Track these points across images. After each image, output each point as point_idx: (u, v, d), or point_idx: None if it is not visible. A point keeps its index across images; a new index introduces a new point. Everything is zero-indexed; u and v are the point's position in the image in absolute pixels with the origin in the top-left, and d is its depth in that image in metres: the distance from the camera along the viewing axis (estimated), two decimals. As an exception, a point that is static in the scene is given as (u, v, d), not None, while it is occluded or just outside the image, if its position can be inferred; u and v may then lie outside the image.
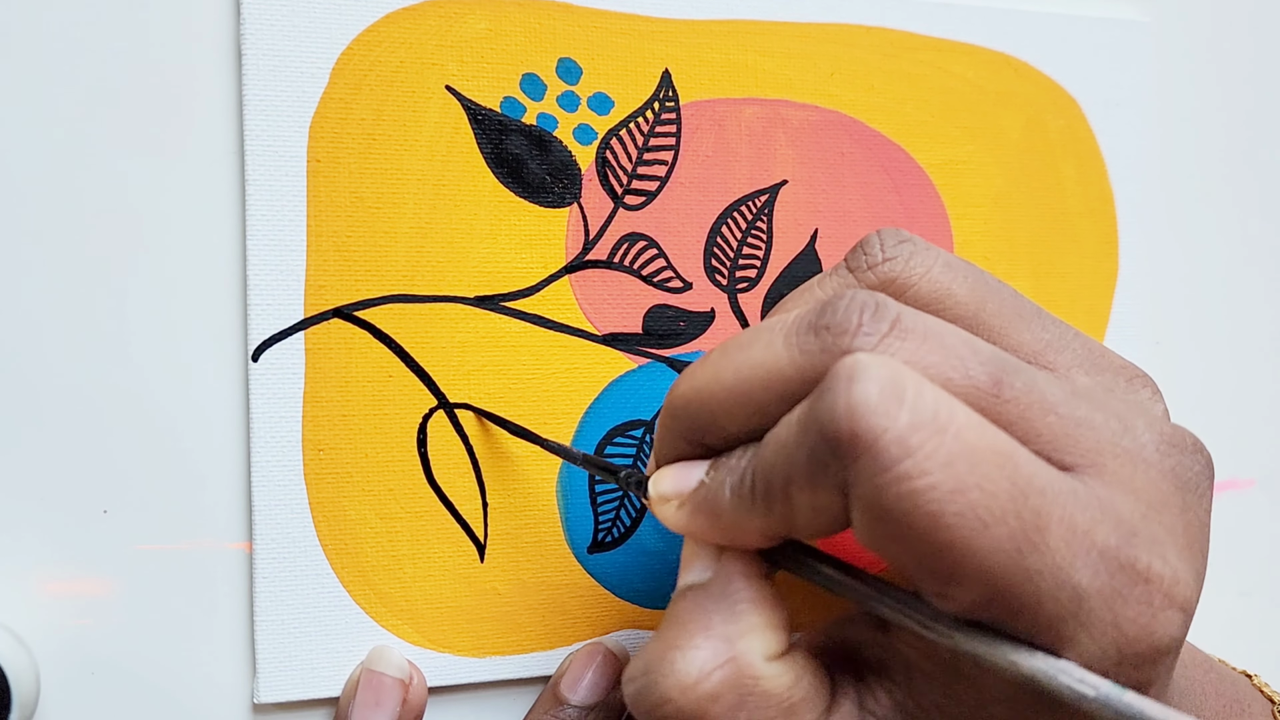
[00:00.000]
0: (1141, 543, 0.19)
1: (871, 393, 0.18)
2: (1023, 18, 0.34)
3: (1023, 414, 0.20)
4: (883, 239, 0.23)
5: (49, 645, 0.27)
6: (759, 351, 0.21)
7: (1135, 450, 0.20)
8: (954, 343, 0.20)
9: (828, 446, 0.18)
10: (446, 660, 0.29)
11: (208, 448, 0.28)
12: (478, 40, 0.29)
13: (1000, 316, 0.22)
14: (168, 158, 0.28)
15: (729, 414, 0.21)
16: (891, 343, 0.20)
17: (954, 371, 0.20)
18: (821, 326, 0.20)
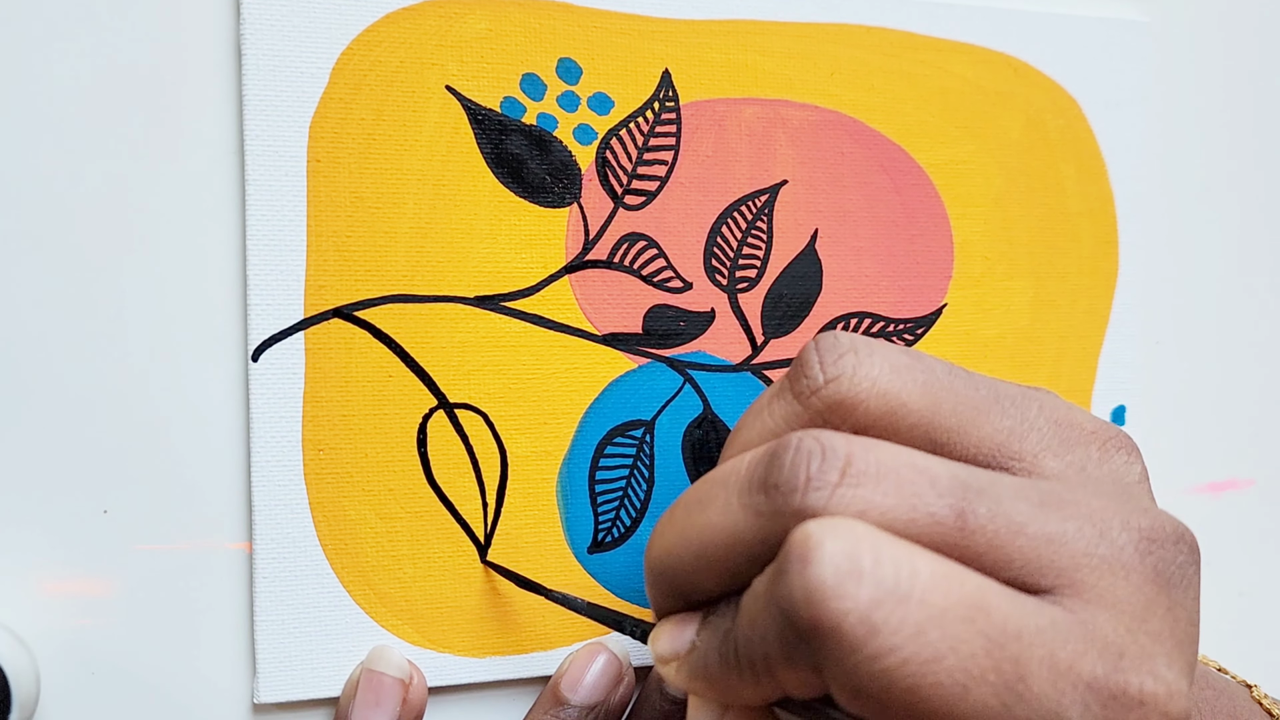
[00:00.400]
0: (1130, 664, 0.19)
1: (827, 575, 0.18)
2: (1023, 18, 0.34)
3: (990, 542, 0.19)
4: (821, 356, 0.22)
5: (49, 645, 0.27)
6: (716, 514, 0.21)
7: (1113, 557, 0.20)
8: (909, 476, 0.20)
9: (794, 633, 0.18)
10: (446, 660, 0.29)
11: (208, 448, 0.28)
12: (478, 40, 0.29)
13: (956, 415, 0.22)
14: (168, 158, 0.28)
15: (702, 576, 0.21)
16: (844, 493, 0.19)
17: (914, 511, 0.19)
18: (771, 486, 0.20)
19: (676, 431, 0.31)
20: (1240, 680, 0.29)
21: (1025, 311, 0.35)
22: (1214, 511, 0.39)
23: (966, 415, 0.22)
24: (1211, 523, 0.39)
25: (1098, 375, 0.36)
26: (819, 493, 0.19)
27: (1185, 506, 0.38)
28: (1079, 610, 0.19)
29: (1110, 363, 0.36)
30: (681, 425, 0.31)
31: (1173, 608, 0.20)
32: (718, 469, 0.22)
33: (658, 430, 0.31)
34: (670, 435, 0.31)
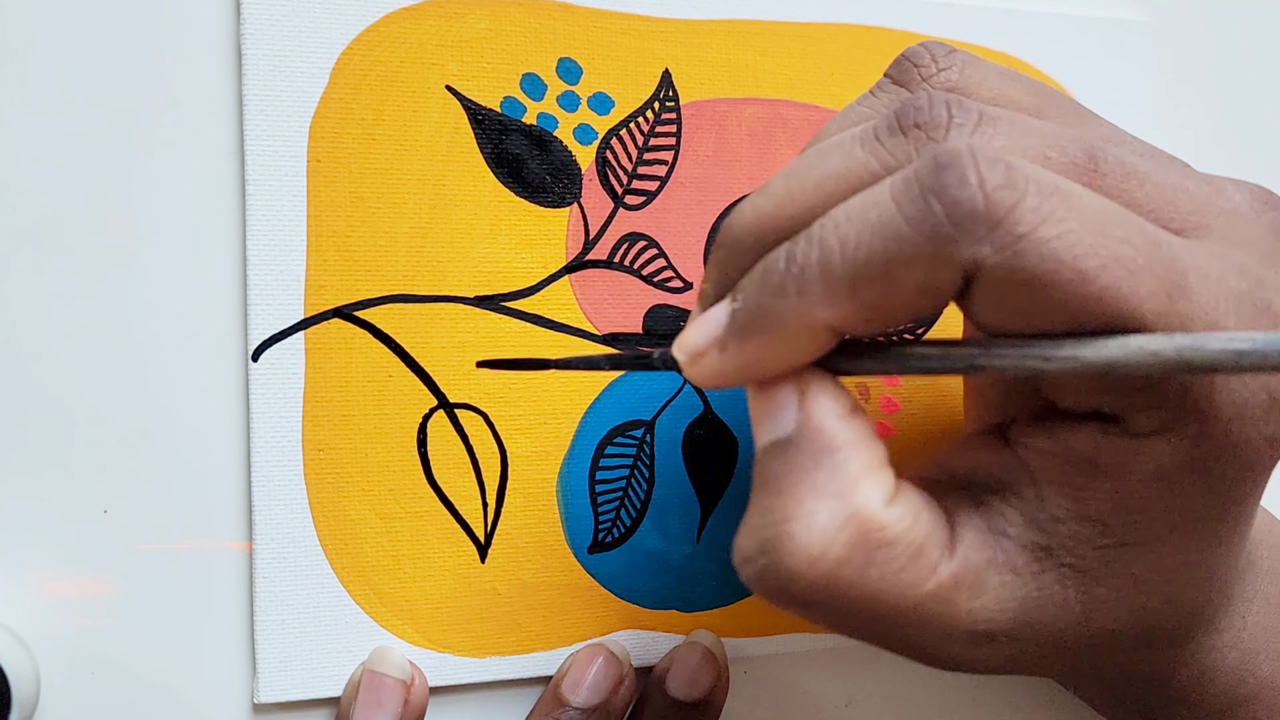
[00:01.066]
0: (1271, 288, 0.19)
1: (998, 167, 0.18)
2: (1023, 18, 0.34)
3: (1121, 185, 0.20)
4: (932, 50, 0.22)
5: (49, 645, 0.27)
6: (838, 162, 0.20)
7: (1232, 210, 0.20)
8: (1040, 127, 0.20)
9: (957, 219, 0.17)
10: (447, 660, 0.29)
11: (208, 448, 0.28)
12: (478, 40, 0.29)
13: (1061, 117, 0.22)
14: (168, 158, 0.28)
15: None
16: (985, 130, 0.19)
17: (1051, 150, 0.19)
18: (909, 125, 0.19)
19: (677, 431, 0.31)
20: None
21: (1025, 311, 0.35)
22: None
23: (1071, 120, 0.22)
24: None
25: (1098, 375, 0.36)
26: (961, 128, 0.19)
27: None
28: (1214, 245, 0.19)
29: (1110, 363, 0.36)
30: (682, 425, 0.31)
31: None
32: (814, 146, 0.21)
33: (658, 430, 0.31)
34: (670, 435, 0.31)
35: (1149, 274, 0.18)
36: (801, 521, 0.19)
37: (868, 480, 0.19)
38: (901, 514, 0.19)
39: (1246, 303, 0.19)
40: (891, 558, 0.19)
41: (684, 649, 0.30)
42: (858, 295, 0.18)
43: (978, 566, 0.20)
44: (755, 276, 0.20)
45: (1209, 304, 0.18)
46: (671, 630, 0.31)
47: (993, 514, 0.20)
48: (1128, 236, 0.18)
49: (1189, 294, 0.18)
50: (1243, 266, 0.19)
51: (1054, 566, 0.20)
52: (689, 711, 0.30)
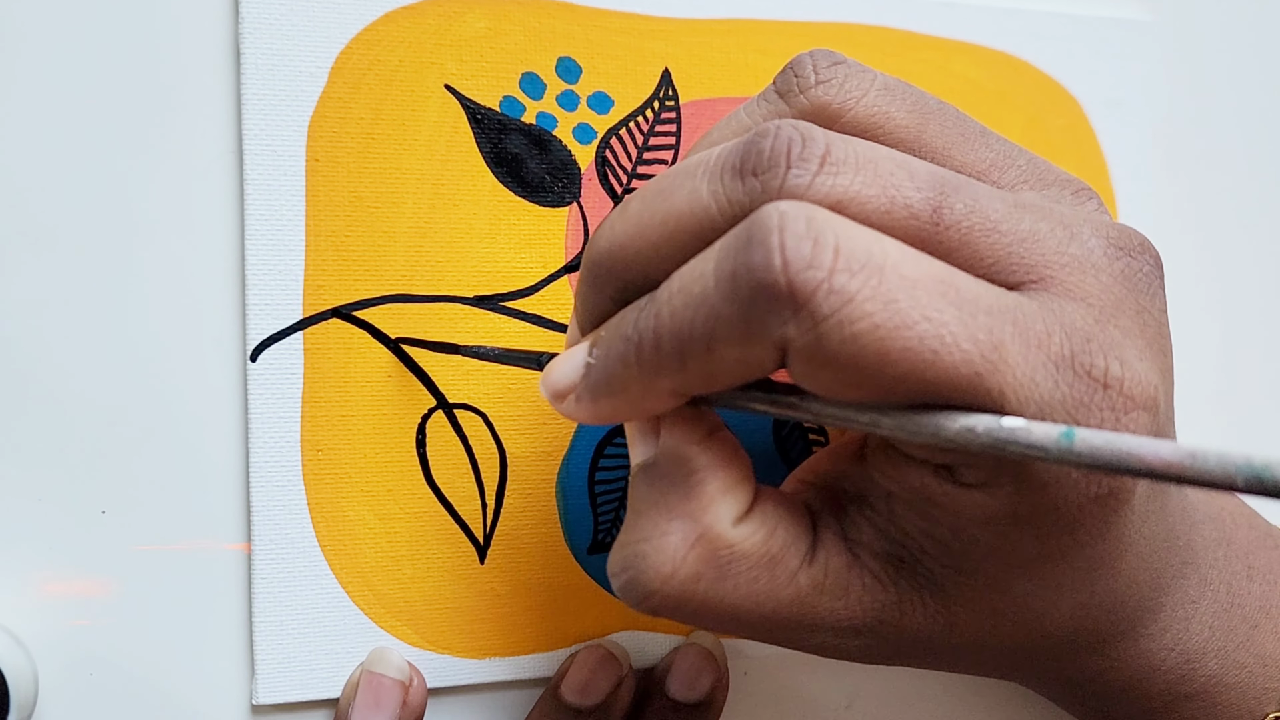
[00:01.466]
0: (1097, 348, 0.19)
1: (804, 244, 0.17)
2: (1024, 17, 0.34)
3: (964, 238, 0.19)
4: (815, 60, 0.22)
5: (47, 646, 0.27)
6: (684, 200, 0.20)
7: (1083, 256, 0.20)
8: (889, 169, 0.19)
9: (761, 301, 0.18)
10: (446, 661, 0.29)
11: (206, 448, 0.28)
12: (477, 39, 0.29)
13: (942, 137, 0.22)
14: (166, 157, 0.28)
15: (657, 266, 0.20)
16: (823, 179, 0.19)
17: (889, 202, 0.19)
18: (748, 171, 0.19)
19: (676, 432, 0.31)
20: None
21: (1026, 311, 0.35)
22: (1216, 512, 0.39)
23: (952, 140, 0.22)
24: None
25: (1099, 375, 0.36)
26: (799, 178, 0.19)
27: (1187, 507, 0.38)
28: (1049, 301, 0.19)
29: (1111, 363, 0.36)
30: (681, 425, 0.31)
31: (1140, 311, 0.20)
32: (682, 161, 0.21)
33: (658, 430, 0.31)
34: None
35: (959, 350, 0.18)
36: (654, 542, 0.21)
37: (720, 501, 0.21)
38: (753, 530, 0.21)
39: (1065, 368, 0.19)
40: (744, 570, 0.20)
41: (684, 650, 0.30)
42: (688, 367, 0.19)
43: (836, 572, 0.21)
44: (609, 335, 0.21)
45: (1024, 374, 0.18)
46: (671, 631, 0.31)
47: (850, 523, 0.22)
48: (940, 310, 0.18)
49: (1000, 367, 0.18)
50: (1073, 326, 0.19)
51: (910, 576, 0.21)
52: (689, 712, 0.30)
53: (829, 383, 0.18)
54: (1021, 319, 0.19)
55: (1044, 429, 0.18)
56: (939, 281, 0.18)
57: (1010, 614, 0.22)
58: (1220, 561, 0.25)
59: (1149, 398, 0.19)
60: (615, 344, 0.21)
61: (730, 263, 0.18)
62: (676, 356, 0.19)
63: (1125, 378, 0.19)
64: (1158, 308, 0.21)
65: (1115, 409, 0.19)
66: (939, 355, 0.18)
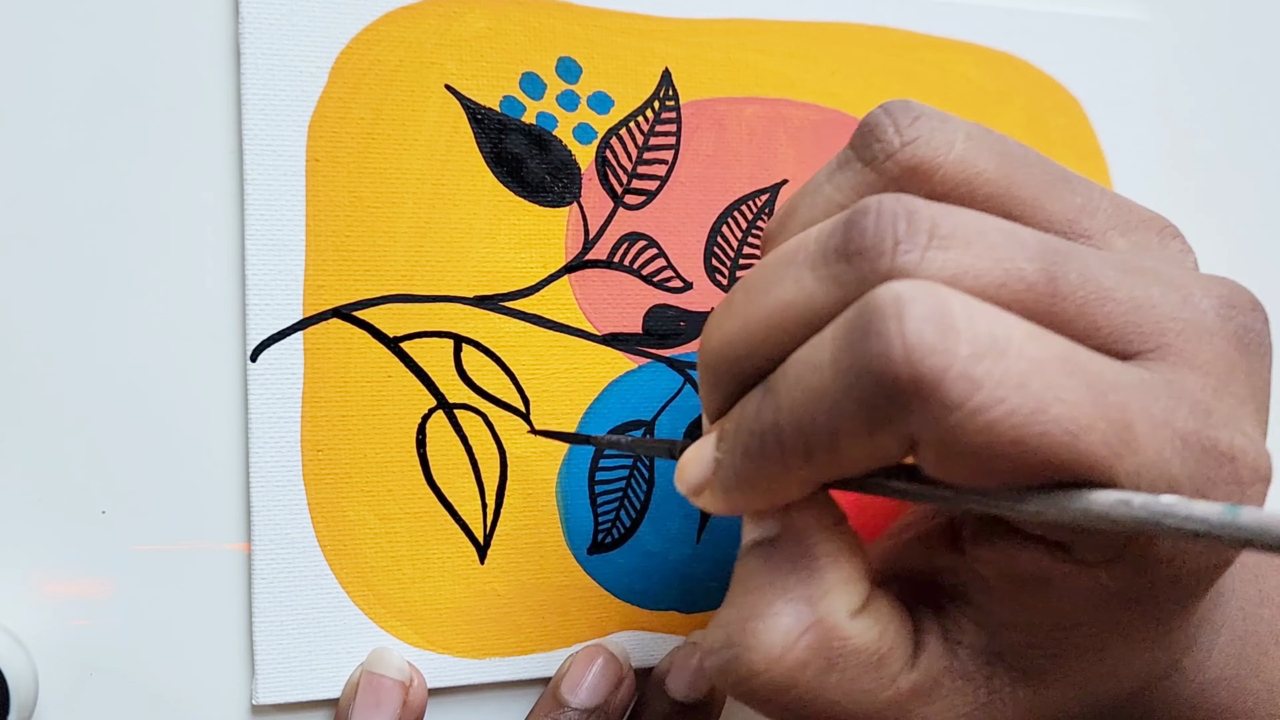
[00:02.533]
0: (1219, 421, 0.19)
1: (926, 330, 0.17)
2: (1024, 16, 0.34)
3: (1080, 309, 0.19)
4: (895, 118, 0.21)
5: (47, 646, 0.27)
6: (789, 289, 0.19)
7: (1196, 321, 0.19)
8: (998, 240, 0.19)
9: (885, 394, 0.17)
10: (446, 662, 0.29)
11: (206, 448, 0.28)
12: (477, 39, 0.29)
13: (1030, 187, 0.21)
14: (167, 157, 0.28)
15: (768, 359, 0.20)
16: (934, 255, 0.18)
17: (1004, 274, 0.18)
18: (854, 253, 0.18)
19: (677, 432, 0.31)
20: None
21: (1026, 311, 0.35)
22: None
23: (1041, 188, 0.21)
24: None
25: (1099, 375, 0.36)
26: (909, 255, 0.18)
27: (1187, 507, 0.38)
28: (1166, 372, 0.19)
29: (1111, 363, 0.36)
30: (682, 425, 0.31)
31: (1252, 373, 0.20)
32: (776, 251, 0.20)
33: (658, 430, 0.31)
34: (671, 435, 0.31)
35: (1093, 433, 0.17)
36: (767, 620, 0.20)
37: (839, 592, 0.20)
38: (868, 625, 0.20)
39: (1193, 444, 0.18)
40: (852, 666, 0.20)
41: (684, 650, 0.30)
42: (815, 460, 0.19)
43: (936, 675, 0.21)
44: (732, 432, 0.20)
45: (1154, 454, 0.18)
46: (671, 631, 0.31)
47: (949, 621, 0.21)
48: (1072, 391, 0.17)
49: (1134, 447, 0.18)
50: (1194, 400, 0.19)
51: (1004, 670, 0.21)
52: (688, 713, 0.29)
53: (963, 472, 0.18)
54: (1146, 395, 0.18)
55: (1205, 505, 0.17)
56: (1064, 360, 0.18)
57: (1102, 683, 0.21)
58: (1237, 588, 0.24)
59: (1267, 469, 0.19)
60: (739, 438, 0.20)
61: (848, 354, 0.18)
62: (802, 451, 0.19)
63: (1249, 451, 0.19)
64: (1266, 366, 0.20)
65: (1240, 482, 0.19)
66: (1076, 439, 0.17)
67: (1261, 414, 0.20)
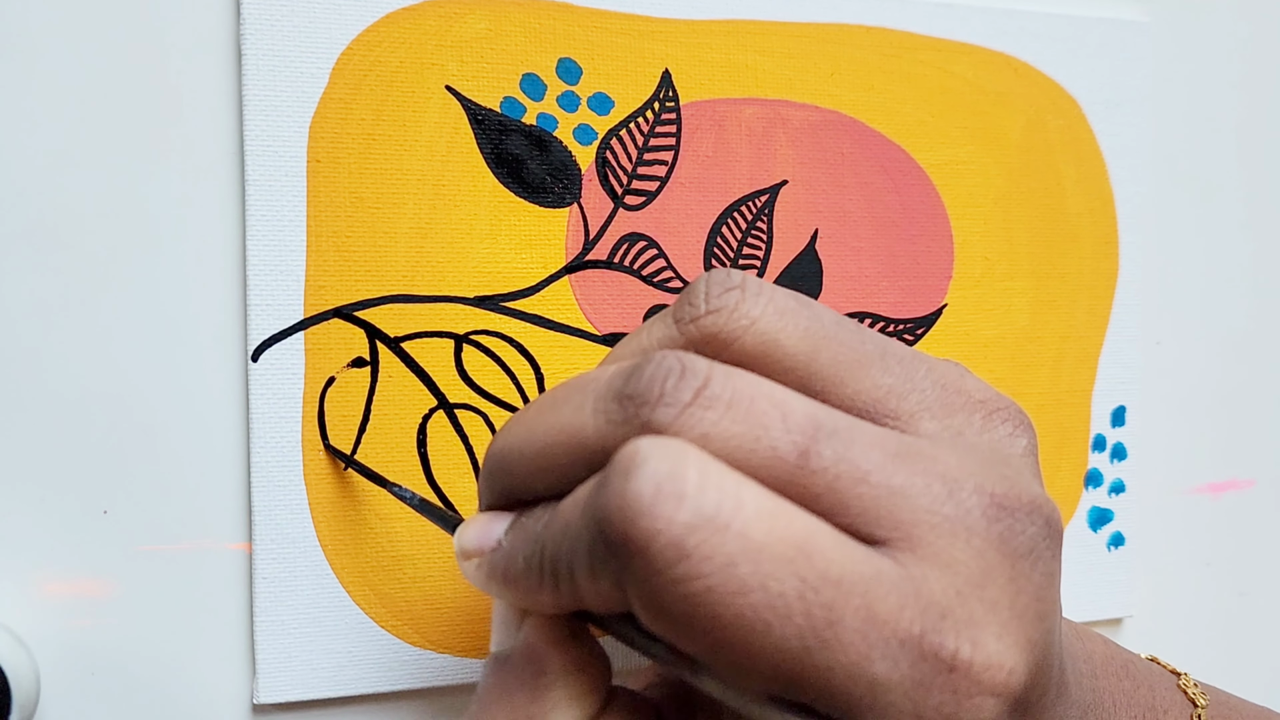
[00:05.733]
0: (950, 626, 0.18)
1: (646, 491, 0.17)
2: (1023, 18, 0.34)
3: (830, 485, 0.19)
4: (708, 287, 0.21)
5: (49, 646, 0.27)
6: (568, 415, 0.20)
7: (958, 518, 0.19)
8: (763, 407, 0.19)
9: (603, 543, 0.18)
10: (446, 661, 0.29)
11: (208, 448, 0.28)
12: (478, 40, 0.29)
13: (835, 365, 0.21)
14: (168, 158, 0.28)
15: (535, 475, 0.21)
16: (694, 413, 0.19)
17: (755, 442, 0.19)
18: (625, 396, 0.19)
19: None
20: (1169, 668, 0.28)
21: (1025, 311, 0.35)
22: (1214, 511, 0.39)
23: (846, 366, 0.21)
24: (1211, 523, 0.39)
25: (1098, 375, 0.36)
26: (668, 409, 0.19)
27: (1185, 507, 0.38)
28: (911, 566, 0.19)
29: (1110, 363, 0.36)
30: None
31: (1015, 579, 0.19)
32: (580, 376, 0.22)
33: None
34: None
35: (789, 625, 0.17)
36: None
37: (564, 709, 0.21)
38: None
39: (911, 649, 0.18)
40: None
41: None
42: (559, 588, 0.20)
43: None
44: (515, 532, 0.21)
45: (856, 653, 0.18)
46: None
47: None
48: (781, 578, 0.17)
49: (832, 645, 0.18)
50: (930, 600, 0.18)
51: None
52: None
53: (669, 633, 0.18)
54: (873, 591, 0.18)
55: None
56: (790, 546, 0.18)
57: None
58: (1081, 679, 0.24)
59: (999, 683, 0.19)
60: (519, 542, 0.21)
61: (590, 500, 0.19)
62: (551, 576, 0.20)
63: (975, 661, 0.18)
64: (1040, 573, 0.20)
65: (957, 693, 0.18)
66: (770, 628, 0.17)
67: (1022, 623, 0.19)
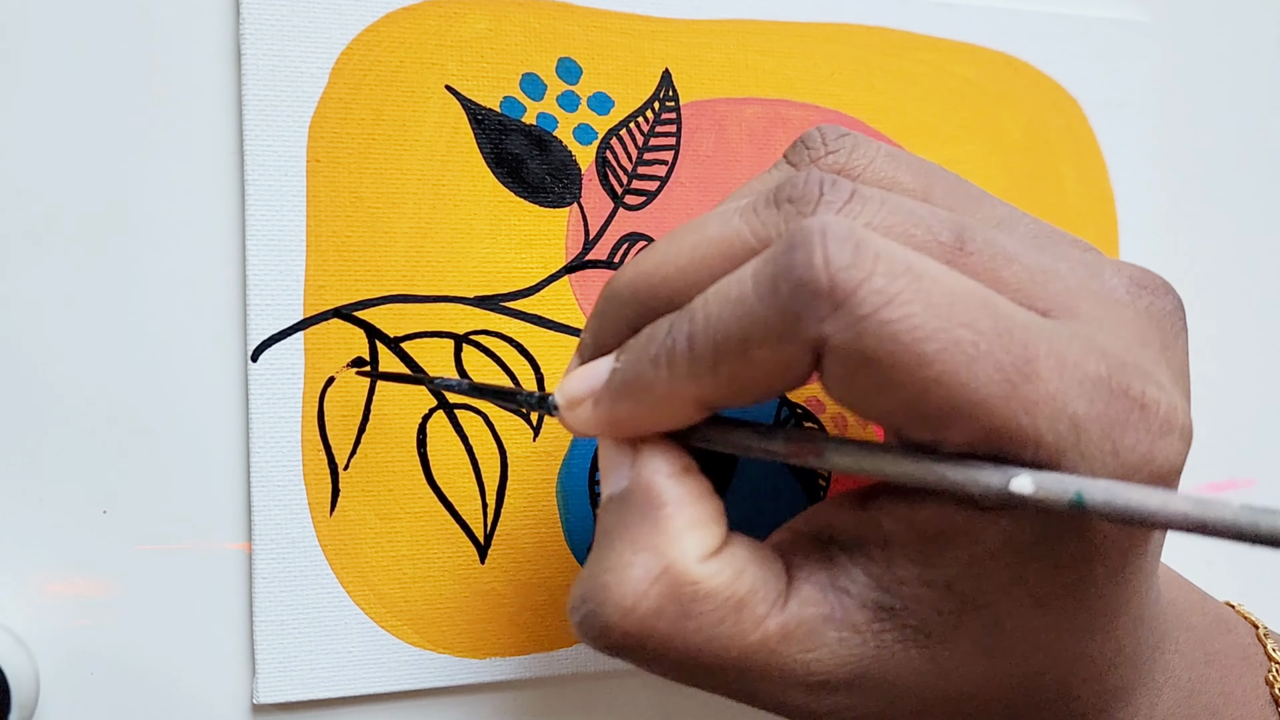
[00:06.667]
0: (1133, 371, 0.19)
1: (846, 247, 0.18)
2: (1023, 17, 0.34)
3: (987, 265, 0.20)
4: (824, 134, 0.22)
5: (49, 646, 0.27)
6: (715, 229, 0.20)
7: (1106, 293, 0.20)
8: (911, 206, 0.20)
9: (802, 300, 0.18)
10: (446, 661, 0.29)
11: (207, 448, 0.28)
12: (478, 40, 0.29)
13: (948, 198, 0.22)
14: (168, 158, 0.28)
15: (686, 292, 0.21)
16: (854, 207, 0.20)
17: (916, 229, 0.20)
18: (783, 199, 0.20)
19: (676, 432, 0.31)
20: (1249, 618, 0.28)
21: (1025, 311, 0.35)
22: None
23: (960, 200, 0.22)
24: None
25: (1098, 375, 0.36)
26: (830, 204, 0.19)
27: (1185, 507, 0.38)
28: (1080, 328, 0.19)
29: (1111, 363, 0.36)
30: (681, 425, 0.31)
31: (1166, 345, 0.21)
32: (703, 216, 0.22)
33: (658, 430, 0.31)
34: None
35: (992, 359, 0.18)
36: (618, 573, 0.20)
37: (688, 536, 0.20)
38: (720, 568, 0.20)
39: (1102, 388, 0.19)
40: (708, 610, 0.20)
41: None
42: (720, 370, 0.19)
43: (810, 620, 0.20)
44: (639, 342, 0.21)
45: (1056, 389, 0.18)
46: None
47: (838, 571, 0.21)
48: (975, 319, 0.18)
49: (1035, 379, 0.18)
50: (1105, 349, 0.19)
51: (896, 627, 0.20)
52: None
53: (863, 387, 0.18)
54: (1056, 339, 0.19)
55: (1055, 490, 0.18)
56: (977, 295, 0.18)
57: (1006, 656, 0.21)
58: (1182, 647, 0.24)
59: (1183, 424, 0.19)
60: (646, 347, 0.20)
61: (771, 266, 0.19)
62: (710, 359, 0.19)
63: (1162, 401, 0.19)
64: (1181, 346, 0.21)
65: (1152, 430, 0.19)
66: (974, 361, 0.18)
67: (1180, 382, 0.20)
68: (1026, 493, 0.18)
